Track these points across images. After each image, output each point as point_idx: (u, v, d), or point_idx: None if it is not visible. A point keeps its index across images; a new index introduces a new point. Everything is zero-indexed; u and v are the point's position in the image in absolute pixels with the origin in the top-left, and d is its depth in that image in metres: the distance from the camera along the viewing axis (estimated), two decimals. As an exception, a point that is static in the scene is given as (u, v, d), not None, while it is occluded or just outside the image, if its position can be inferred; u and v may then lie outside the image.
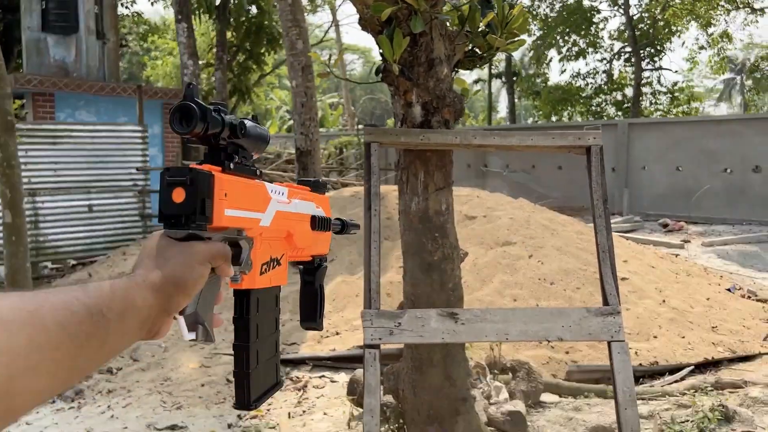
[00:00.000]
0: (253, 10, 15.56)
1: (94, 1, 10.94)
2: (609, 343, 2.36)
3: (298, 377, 4.38)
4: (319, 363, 4.53)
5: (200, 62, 17.41)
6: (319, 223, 1.00)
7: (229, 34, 15.14)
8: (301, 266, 1.05)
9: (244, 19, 15.16)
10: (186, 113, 0.73)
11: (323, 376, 4.38)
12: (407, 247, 2.80)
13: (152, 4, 17.57)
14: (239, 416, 3.80)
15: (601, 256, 2.45)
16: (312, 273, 1.05)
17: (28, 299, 0.55)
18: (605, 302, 2.42)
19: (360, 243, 6.38)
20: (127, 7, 17.74)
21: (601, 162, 2.59)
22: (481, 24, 2.77)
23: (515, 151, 14.50)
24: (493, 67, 26.41)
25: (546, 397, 3.82)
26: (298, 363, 4.60)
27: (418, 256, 2.76)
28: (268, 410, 3.90)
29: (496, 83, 31.66)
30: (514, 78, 25.29)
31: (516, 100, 29.48)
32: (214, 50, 15.28)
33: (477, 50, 2.93)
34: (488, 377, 3.73)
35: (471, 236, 6.36)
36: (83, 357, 0.58)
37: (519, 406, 3.33)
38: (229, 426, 3.68)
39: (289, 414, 3.81)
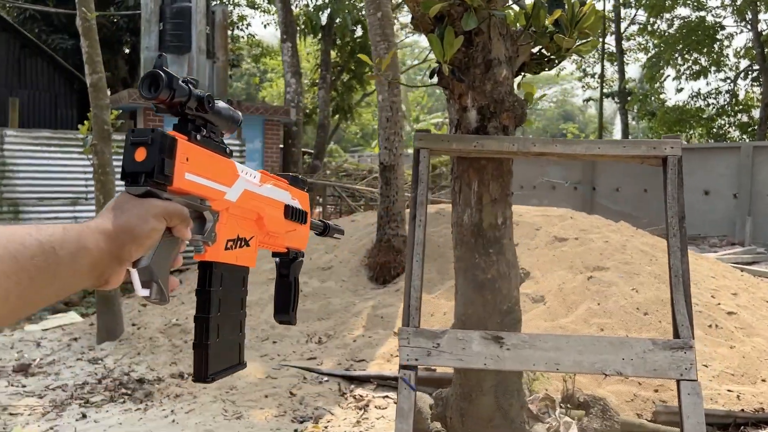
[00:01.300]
0: (358, 31, 15.85)
1: (206, 21, 11.53)
2: (678, 382, 2.03)
3: (361, 395, 4.24)
4: (384, 382, 4.36)
5: (307, 81, 17.96)
6: (293, 214, 1.02)
7: (333, 54, 15.48)
8: (278, 259, 1.08)
9: (348, 39, 15.46)
10: (154, 80, 0.76)
11: (387, 396, 4.21)
12: (459, 263, 2.60)
13: (265, 26, 18.38)
14: (295, 431, 3.71)
15: (674, 281, 2.13)
16: (287, 266, 1.07)
17: None
18: (676, 335, 2.10)
19: (440, 261, 6.17)
20: (241, 30, 18.65)
21: (679, 174, 2.27)
22: (547, 22, 2.55)
23: (603, 172, 13.61)
24: (606, 86, 25.37)
25: (624, 438, 3.44)
26: (363, 381, 4.45)
27: (469, 272, 2.55)
28: (326, 427, 3.78)
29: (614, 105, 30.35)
30: (628, 98, 24.12)
31: (634, 122, 28.12)
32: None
33: (545, 52, 2.71)
34: (558, 411, 3.40)
35: (560, 259, 5.98)
36: (34, 288, 0.61)
37: (587, 446, 3.00)
38: (284, 440, 3.59)
39: (345, 433, 3.67)
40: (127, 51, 16.58)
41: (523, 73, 2.80)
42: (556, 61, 2.73)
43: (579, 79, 26.53)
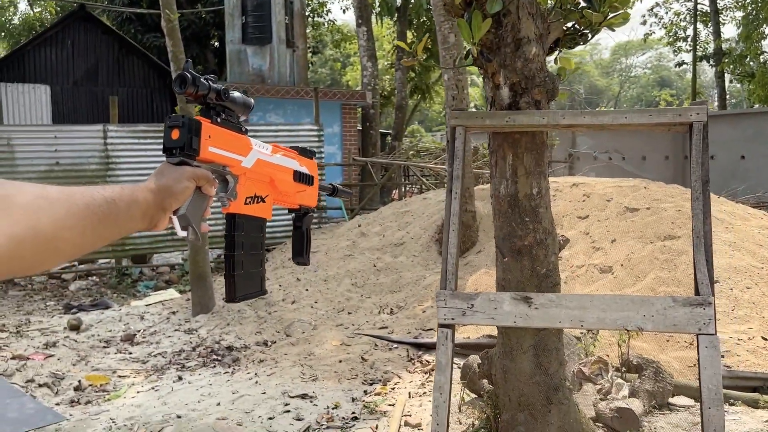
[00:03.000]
0: (434, 8, 15.86)
1: (285, 12, 11.99)
2: (697, 336, 2.15)
3: (427, 361, 4.50)
4: (450, 349, 4.60)
5: (387, 63, 18.20)
6: (300, 177, 1.27)
7: (409, 35, 15.62)
8: (293, 213, 1.34)
9: (424, 18, 15.54)
10: (182, 79, 1.03)
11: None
12: (498, 232, 2.79)
13: (344, 11, 18.72)
14: (365, 392, 4.02)
15: (696, 242, 2.24)
16: (300, 219, 1.34)
17: (66, 188, 0.83)
18: (696, 292, 2.21)
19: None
20: (321, 16, 19.10)
21: (704, 140, 2.36)
22: (576, -2, 2.67)
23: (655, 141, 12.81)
24: (700, 48, 24.05)
25: (679, 400, 3.51)
26: (430, 348, 4.71)
27: (508, 240, 2.74)
28: (393, 389, 4.07)
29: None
30: (725, 60, 22.76)
31: (738, 85, 26.47)
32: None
33: (578, 27, 2.82)
34: (610, 373, 3.53)
35: (630, 229, 5.96)
36: (102, 227, 0.86)
37: (634, 404, 3.12)
38: (353, 399, 3.91)
39: (409, 394, 3.94)
40: (216, 44, 17.44)
41: (559, 49, 2.92)
42: (590, 35, 2.83)
43: (669, 43, 25.26)
